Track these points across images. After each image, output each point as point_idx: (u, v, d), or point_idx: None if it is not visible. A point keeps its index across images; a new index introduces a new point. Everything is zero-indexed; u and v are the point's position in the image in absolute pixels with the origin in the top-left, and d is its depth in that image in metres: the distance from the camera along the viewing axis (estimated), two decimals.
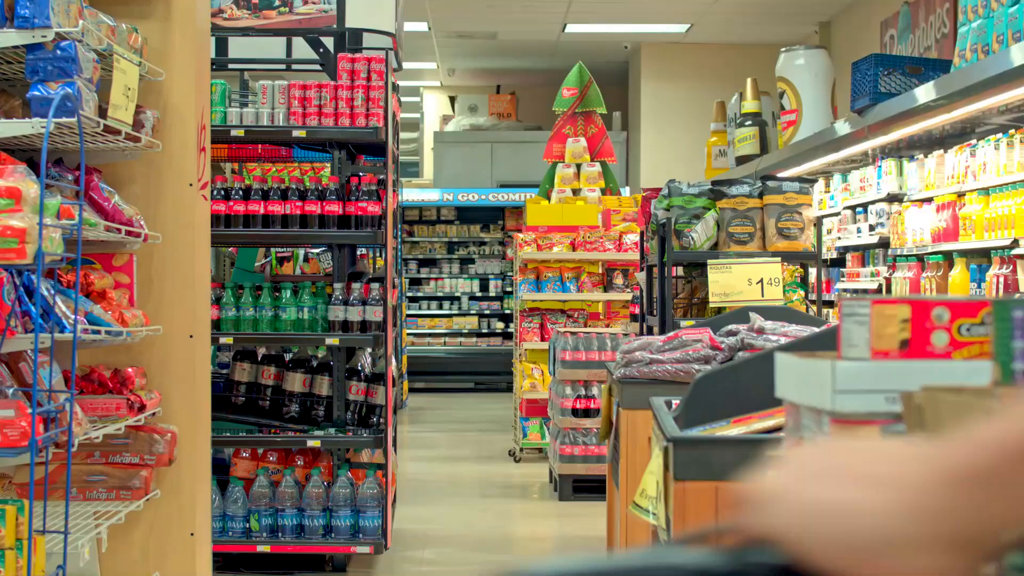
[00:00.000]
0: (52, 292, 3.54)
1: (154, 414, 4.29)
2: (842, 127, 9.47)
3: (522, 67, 17.99)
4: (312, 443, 6.38)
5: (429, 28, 14.91)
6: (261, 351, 6.83)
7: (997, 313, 1.36)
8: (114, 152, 4.25)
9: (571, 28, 15.17)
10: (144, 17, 4.40)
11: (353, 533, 6.34)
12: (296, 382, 6.59)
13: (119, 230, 3.95)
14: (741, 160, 13.11)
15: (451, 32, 15.42)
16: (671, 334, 4.80)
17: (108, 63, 3.90)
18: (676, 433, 3.07)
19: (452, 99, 19.03)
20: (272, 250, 8.35)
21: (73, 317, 3.53)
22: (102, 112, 3.82)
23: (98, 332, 3.76)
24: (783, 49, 11.96)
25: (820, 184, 12.18)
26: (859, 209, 10.89)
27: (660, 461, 3.22)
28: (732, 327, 4.73)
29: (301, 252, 8.66)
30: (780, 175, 11.55)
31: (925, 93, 7.67)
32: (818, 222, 6.76)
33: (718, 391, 3.33)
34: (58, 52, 3.55)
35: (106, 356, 4.29)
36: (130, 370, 4.25)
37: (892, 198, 10.07)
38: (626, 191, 16.56)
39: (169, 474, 4.42)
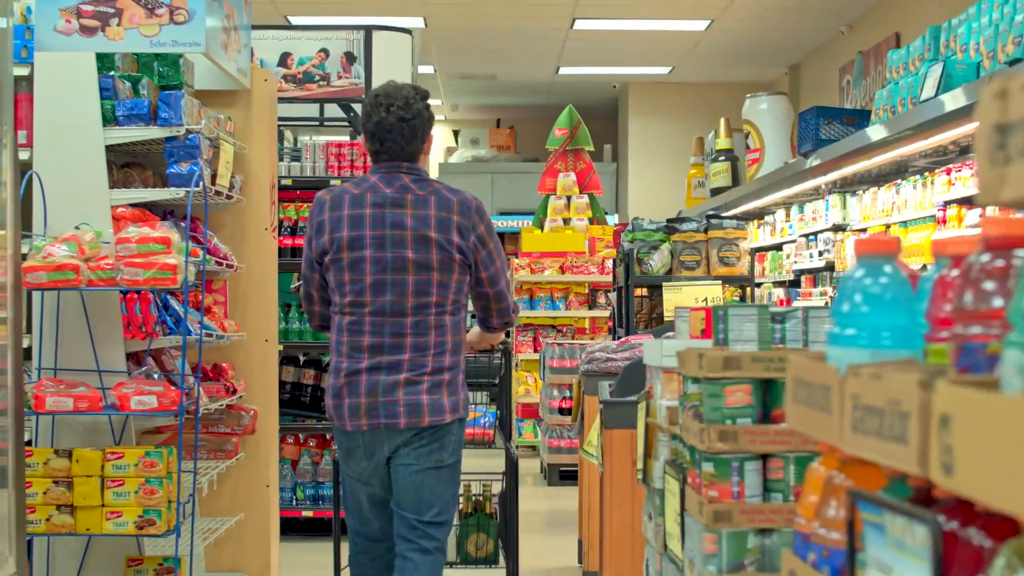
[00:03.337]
0: (183, 308, 5.13)
1: (241, 397, 5.86)
2: (793, 167, 11.05)
3: (520, 103, 19.46)
4: None
5: (435, 70, 16.45)
6: (302, 356, 8.41)
7: (714, 313, 2.94)
8: (214, 206, 5.83)
9: (564, 71, 16.69)
10: (232, 106, 6.00)
11: None
12: None
13: (220, 263, 5.54)
14: (715, 191, 14.61)
15: (455, 74, 16.94)
16: (622, 339, 6.38)
17: (216, 144, 5.49)
18: (607, 398, 4.66)
19: (455, 132, 20.54)
20: None
21: (199, 326, 5.12)
22: (212, 179, 5.41)
23: (210, 336, 5.34)
24: (748, 95, 13.49)
25: (781, 214, 13.74)
26: (811, 237, 12.43)
27: (599, 419, 4.80)
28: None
29: None
30: (746, 206, 13.17)
31: (855, 141, 9.24)
32: (752, 252, 8.33)
33: (640, 373, 4.90)
34: (187, 141, 5.14)
35: (207, 354, 5.87)
36: (224, 364, 5.83)
37: (837, 228, 11.61)
38: (615, 218, 18.09)
39: (251, 441, 6.00)
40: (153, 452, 4.75)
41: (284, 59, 8.21)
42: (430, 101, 4.56)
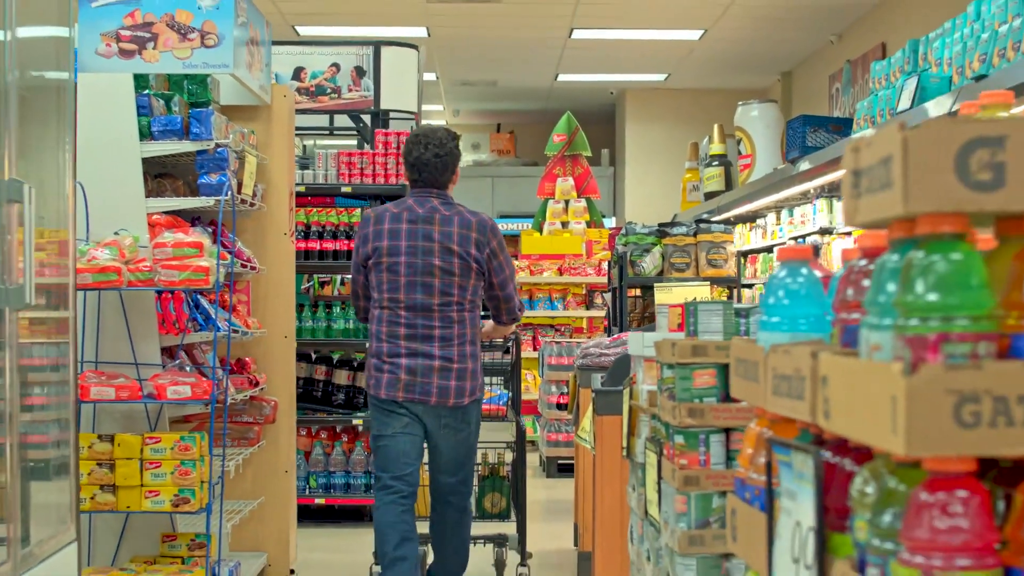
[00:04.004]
0: (212, 306, 5.62)
1: (262, 389, 6.35)
2: (783, 172, 11.52)
3: (520, 109, 19.90)
4: (355, 422, 8.45)
5: (437, 77, 16.90)
6: (314, 354, 8.89)
7: (686, 308, 3.42)
8: (239, 213, 6.32)
9: (562, 77, 17.15)
10: (255, 120, 6.49)
11: None
12: (342, 377, 8.66)
13: (245, 265, 6.03)
14: (709, 195, 15.06)
15: (456, 80, 17.38)
16: (615, 336, 6.87)
17: (241, 156, 5.98)
18: (599, 387, 5.15)
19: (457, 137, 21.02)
20: (315, 275, 10.38)
21: (227, 323, 5.61)
22: (238, 189, 5.89)
23: (236, 332, 5.83)
24: (740, 103, 13.95)
25: (772, 217, 14.22)
26: (800, 239, 12.92)
27: (591, 407, 5.29)
28: None
29: (339, 277, 10.69)
30: (738, 210, 13.64)
31: (842, 147, 9.72)
32: (744, 254, 8.81)
33: (628, 366, 5.39)
34: (216, 155, 5.63)
35: (232, 349, 6.35)
36: (247, 359, 6.32)
37: (824, 231, 12.08)
38: (612, 220, 18.57)
39: (271, 430, 6.49)
40: (187, 437, 5.24)
41: (298, 73, 8.71)
42: (432, 107, 5.32)
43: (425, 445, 5.63)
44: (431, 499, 5.76)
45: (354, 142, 10.17)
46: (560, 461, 10.81)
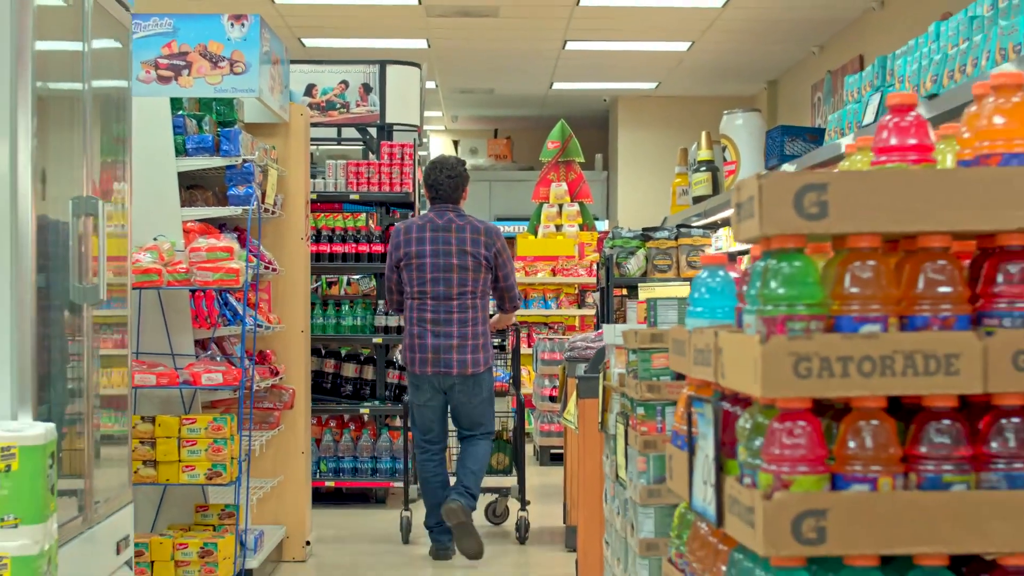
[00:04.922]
0: (239, 304, 6.33)
1: (281, 378, 7.06)
2: None
3: (516, 115, 20.48)
4: (362, 411, 9.17)
5: (437, 86, 17.55)
6: (323, 348, 9.60)
7: (647, 303, 4.13)
8: (262, 220, 7.02)
9: (557, 86, 17.79)
10: (274, 136, 7.21)
11: (391, 474, 9.11)
12: (350, 370, 9.38)
13: (267, 267, 6.74)
14: (697, 199, 15.70)
15: (454, 89, 18.02)
16: (599, 330, 7.58)
17: (264, 170, 6.69)
18: (580, 374, 5.87)
19: (455, 142, 21.57)
20: (322, 276, 11.09)
21: (252, 319, 6.32)
22: (261, 199, 6.60)
23: (260, 327, 6.54)
24: (725, 111, 14.61)
25: None
26: None
27: (575, 392, 6.00)
28: None
29: (345, 277, 11.37)
30: (724, 214, 14.29)
31: (811, 159, 10.40)
32: (732, 255, 9.51)
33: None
34: (243, 169, 6.34)
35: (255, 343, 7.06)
36: (268, 351, 7.03)
37: None
38: (606, 223, 19.22)
39: (289, 415, 7.21)
40: (219, 418, 5.95)
41: (309, 89, 9.43)
42: (432, 113, 6.50)
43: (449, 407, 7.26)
44: (459, 439, 7.43)
45: (359, 149, 10.88)
46: (552, 451, 11.53)
